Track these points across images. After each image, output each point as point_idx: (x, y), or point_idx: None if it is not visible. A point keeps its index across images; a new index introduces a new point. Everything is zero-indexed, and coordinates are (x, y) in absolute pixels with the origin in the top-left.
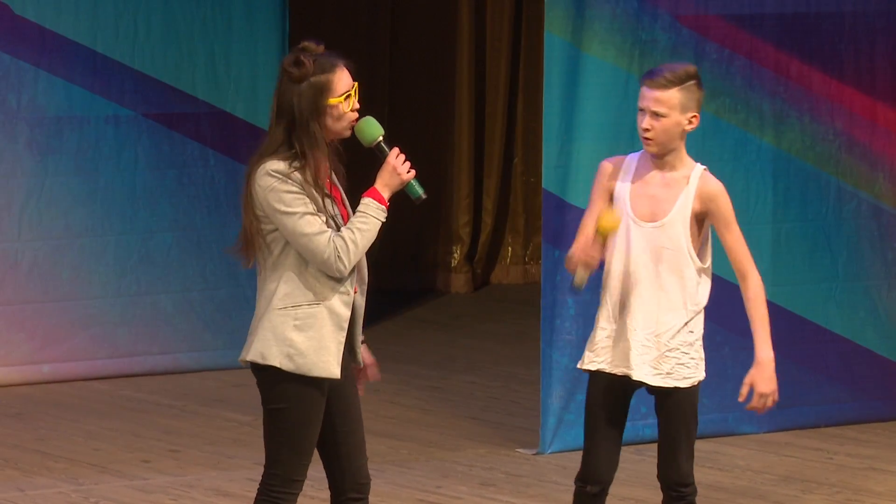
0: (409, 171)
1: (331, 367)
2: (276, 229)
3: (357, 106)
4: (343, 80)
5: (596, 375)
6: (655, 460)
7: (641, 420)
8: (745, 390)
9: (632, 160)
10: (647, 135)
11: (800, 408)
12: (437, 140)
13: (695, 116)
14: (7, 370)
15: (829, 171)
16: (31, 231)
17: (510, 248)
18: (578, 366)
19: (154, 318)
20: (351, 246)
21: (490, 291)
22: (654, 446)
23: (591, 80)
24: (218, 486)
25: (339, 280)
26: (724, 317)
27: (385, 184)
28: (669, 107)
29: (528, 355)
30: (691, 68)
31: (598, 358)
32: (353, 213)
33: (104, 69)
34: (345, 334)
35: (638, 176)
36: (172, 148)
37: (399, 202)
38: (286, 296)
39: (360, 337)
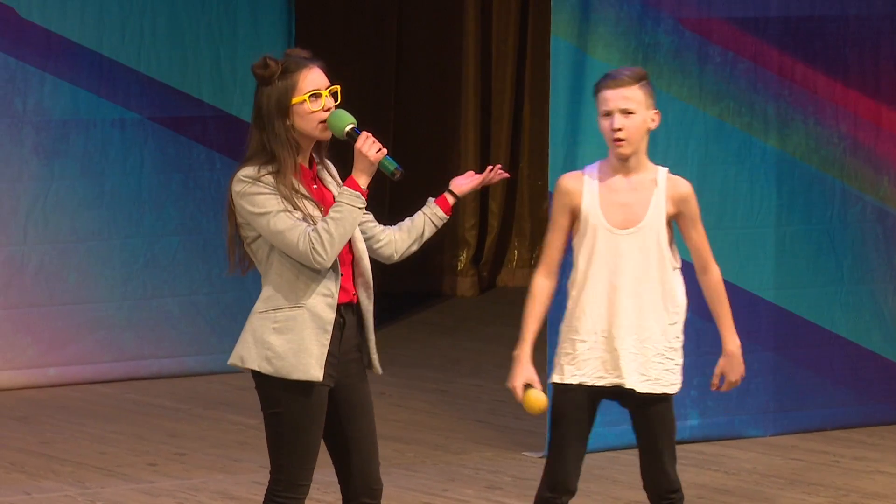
0: (378, 151)
1: (311, 369)
2: (259, 236)
3: (330, 105)
4: (310, 79)
5: (571, 389)
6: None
7: None
8: (716, 380)
9: (591, 171)
10: (621, 134)
11: (805, 411)
12: (443, 143)
13: (656, 113)
14: (13, 373)
15: (833, 175)
16: (38, 235)
17: (516, 252)
18: (555, 380)
19: (160, 322)
20: (325, 236)
21: (496, 295)
22: None
23: None
24: (224, 489)
25: (323, 282)
26: None
27: (360, 170)
28: (637, 103)
29: (533, 359)
30: (641, 68)
31: (579, 371)
32: None
33: (110, 73)
34: (329, 336)
35: (603, 185)
36: (178, 151)
37: (405, 207)
38: (267, 299)
39: (373, 342)
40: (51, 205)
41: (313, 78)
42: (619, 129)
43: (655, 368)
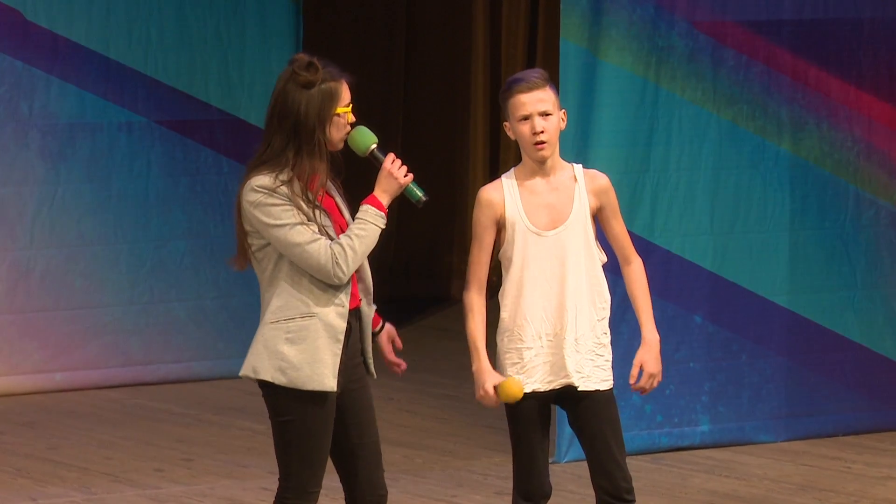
0: (406, 175)
1: (325, 379)
2: (266, 245)
3: (353, 120)
4: (347, 91)
5: (526, 397)
6: (671, 468)
7: (657, 429)
8: (635, 371)
9: (508, 179)
10: (542, 137)
11: (817, 416)
12: (452, 148)
13: (564, 113)
14: (19, 379)
15: (847, 179)
16: (44, 239)
17: None
18: None
19: (167, 327)
20: (349, 252)
21: None
22: (672, 455)
23: (608, 87)
24: (231, 495)
25: (334, 292)
26: (740, 325)
27: (383, 190)
28: (552, 104)
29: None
30: (542, 70)
31: (530, 379)
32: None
33: (117, 76)
34: (341, 346)
35: (524, 189)
36: (186, 155)
37: (414, 211)
38: (278, 309)
39: (369, 347)
40: (57, 209)
41: (346, 90)
42: (542, 132)
43: (587, 366)
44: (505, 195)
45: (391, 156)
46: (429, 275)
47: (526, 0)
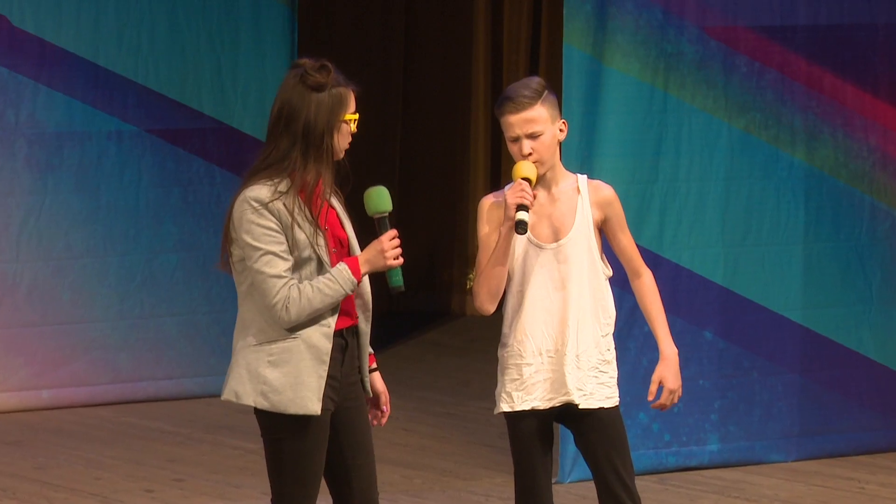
0: (396, 258)
1: (308, 402)
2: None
3: (355, 131)
4: (353, 99)
5: (526, 415)
6: (679, 489)
7: (665, 448)
8: (654, 388)
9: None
10: (531, 158)
11: (830, 435)
12: (452, 157)
13: (564, 123)
14: (5, 396)
15: (862, 189)
16: (31, 251)
17: None
18: (505, 409)
19: (158, 342)
20: (304, 303)
21: None
22: (679, 475)
23: (614, 95)
24: None
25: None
26: (751, 341)
27: (368, 260)
28: (542, 122)
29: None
30: (538, 79)
31: (529, 396)
32: (351, 238)
33: (106, 83)
34: (326, 367)
35: None
36: (177, 165)
37: (413, 224)
38: (260, 331)
39: (367, 365)
40: (44, 220)
41: (353, 99)
42: (530, 154)
43: (590, 383)
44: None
45: (393, 232)
46: (429, 289)
47: (528, 4)
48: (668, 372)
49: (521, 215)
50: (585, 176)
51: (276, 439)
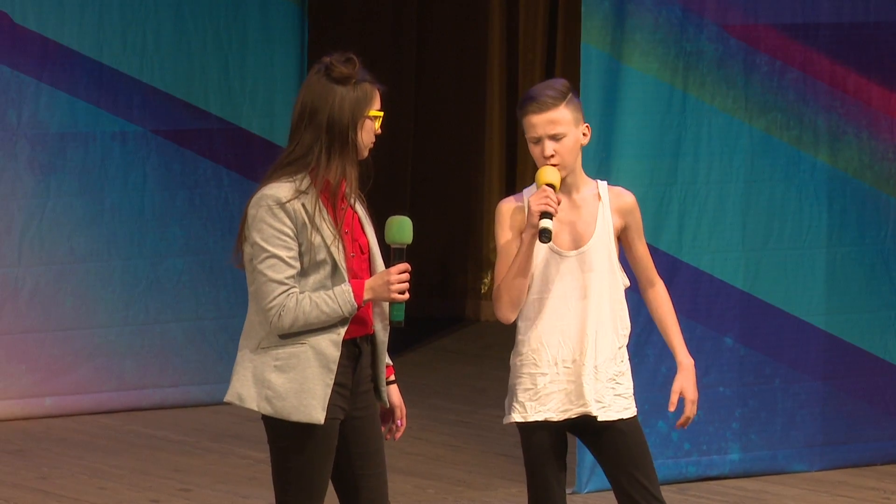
0: (401, 293)
1: (313, 411)
2: None
3: (380, 131)
4: (378, 97)
5: (539, 427)
6: (699, 499)
7: (685, 457)
8: (675, 398)
9: (529, 195)
10: (553, 161)
11: (855, 444)
12: (466, 159)
13: (587, 127)
14: (7, 404)
15: (887, 192)
16: (33, 256)
17: None
18: (517, 420)
19: (164, 349)
20: (299, 315)
21: None
22: (699, 485)
23: (632, 94)
24: None
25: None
26: (773, 347)
27: (372, 287)
28: (566, 124)
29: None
30: (564, 81)
31: (543, 406)
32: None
33: (111, 82)
34: (333, 376)
35: None
36: (183, 167)
37: (427, 229)
38: (269, 333)
39: (383, 375)
40: (47, 224)
41: (378, 98)
42: (552, 156)
43: (608, 394)
44: (526, 210)
45: (404, 267)
46: (442, 294)
47: (544, 2)
48: (687, 382)
49: (546, 223)
50: (605, 182)
51: (280, 447)
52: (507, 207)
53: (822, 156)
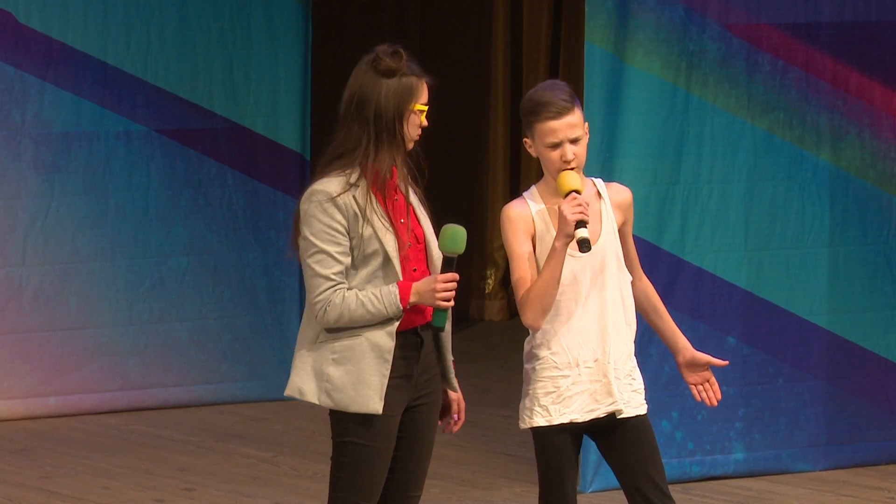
0: (446, 300)
1: (370, 402)
2: None
3: (426, 124)
4: (425, 90)
5: (563, 429)
6: (703, 499)
7: (688, 457)
8: (715, 360)
9: (533, 198)
10: (572, 164)
11: (859, 444)
12: (470, 159)
13: (587, 125)
14: (11, 403)
15: (890, 191)
16: (37, 255)
17: None
18: (541, 423)
19: (168, 348)
20: (345, 311)
21: None
22: (703, 485)
23: (635, 94)
24: None
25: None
26: (776, 347)
27: (419, 291)
28: (580, 127)
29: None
30: (564, 83)
31: (567, 409)
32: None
33: (115, 82)
34: (389, 366)
35: (551, 209)
36: (188, 166)
37: (432, 223)
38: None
39: (450, 361)
40: (51, 223)
41: (426, 90)
42: (572, 160)
43: (626, 391)
44: (533, 213)
45: (453, 276)
46: None
47: (548, 2)
48: (703, 364)
49: (582, 233)
50: (601, 179)
51: (340, 442)
52: (515, 212)
53: (825, 155)
